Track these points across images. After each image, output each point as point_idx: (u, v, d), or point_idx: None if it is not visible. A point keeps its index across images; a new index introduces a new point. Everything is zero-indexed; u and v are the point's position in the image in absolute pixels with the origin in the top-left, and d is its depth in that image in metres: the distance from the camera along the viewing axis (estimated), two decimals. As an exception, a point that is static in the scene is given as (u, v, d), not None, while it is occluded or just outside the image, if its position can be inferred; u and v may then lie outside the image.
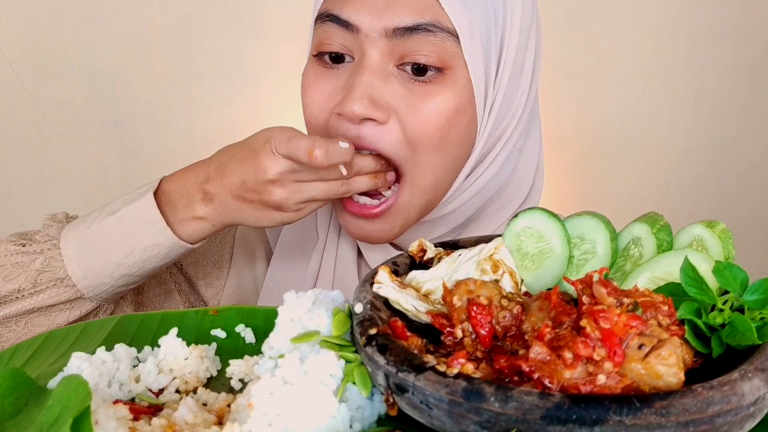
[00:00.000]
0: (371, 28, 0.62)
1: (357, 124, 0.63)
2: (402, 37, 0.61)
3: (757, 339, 0.38)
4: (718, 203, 1.84)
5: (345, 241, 0.77)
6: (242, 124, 1.63)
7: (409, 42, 0.62)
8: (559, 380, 0.36)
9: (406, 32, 0.61)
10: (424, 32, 0.61)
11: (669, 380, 0.35)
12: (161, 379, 0.47)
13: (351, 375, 0.42)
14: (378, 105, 0.62)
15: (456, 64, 0.63)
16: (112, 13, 1.56)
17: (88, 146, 1.63)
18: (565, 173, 1.74)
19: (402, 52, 0.62)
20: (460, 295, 0.44)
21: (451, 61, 0.63)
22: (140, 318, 0.55)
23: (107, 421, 0.38)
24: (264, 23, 1.60)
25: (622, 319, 0.37)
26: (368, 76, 0.62)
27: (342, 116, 0.64)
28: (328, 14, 0.64)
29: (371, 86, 0.62)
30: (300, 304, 0.47)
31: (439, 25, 0.61)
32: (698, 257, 0.43)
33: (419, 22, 0.61)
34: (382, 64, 0.63)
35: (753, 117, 1.81)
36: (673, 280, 0.43)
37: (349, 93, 0.62)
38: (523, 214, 0.49)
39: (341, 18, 0.63)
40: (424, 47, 0.62)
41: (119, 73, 1.59)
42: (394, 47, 0.62)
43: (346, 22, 0.63)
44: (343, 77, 0.65)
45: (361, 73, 0.62)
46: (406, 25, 0.61)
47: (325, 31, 0.65)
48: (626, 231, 0.50)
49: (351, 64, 0.65)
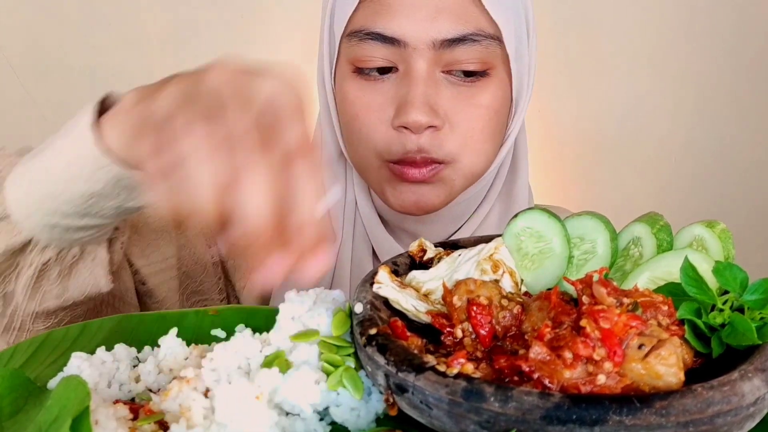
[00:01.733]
0: (418, 41, 0.63)
1: (420, 133, 0.65)
2: (448, 47, 0.63)
3: (757, 339, 0.38)
4: (718, 203, 1.84)
5: (360, 241, 0.77)
6: (242, 124, 1.63)
7: (456, 52, 0.64)
8: (559, 380, 0.36)
9: (453, 43, 0.63)
10: (470, 42, 0.64)
11: (669, 380, 0.35)
12: (161, 379, 0.47)
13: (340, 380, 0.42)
14: (436, 112, 0.64)
15: (498, 63, 0.67)
16: (112, 13, 1.56)
17: (88, 146, 1.63)
18: (565, 173, 1.74)
19: (448, 60, 0.64)
20: (460, 295, 0.44)
21: (494, 62, 0.66)
22: (140, 318, 0.55)
23: (107, 421, 0.38)
24: (264, 23, 1.60)
25: (622, 319, 0.37)
26: (423, 86, 0.64)
27: (402, 128, 0.65)
28: (368, 32, 0.64)
29: (427, 95, 0.64)
30: (301, 302, 0.47)
31: (483, 33, 0.64)
32: (698, 257, 0.43)
33: (465, 33, 0.63)
34: (430, 72, 0.65)
35: (753, 117, 1.81)
36: (672, 280, 0.43)
37: (409, 104, 0.63)
38: (523, 214, 0.49)
39: (386, 35, 0.64)
40: (470, 56, 0.64)
41: (119, 73, 1.59)
42: (440, 56, 0.64)
43: (392, 38, 0.64)
44: (392, 88, 0.66)
45: (416, 83, 0.64)
46: (452, 37, 0.63)
47: (365, 48, 0.65)
48: (626, 231, 0.50)
49: (397, 75, 0.66)
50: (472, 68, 0.65)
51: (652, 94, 1.75)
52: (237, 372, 0.43)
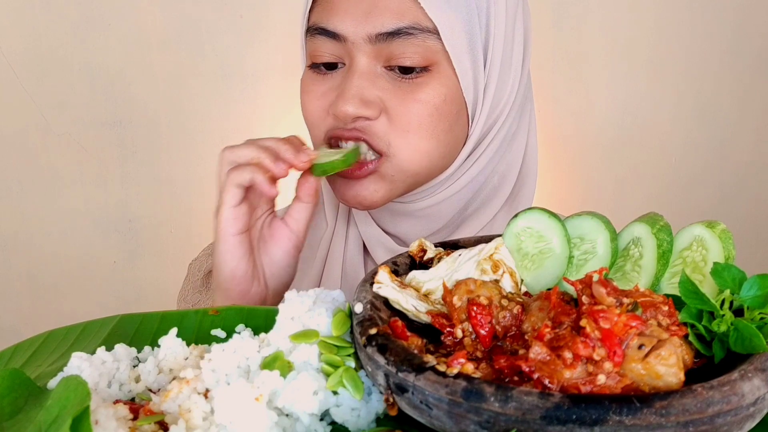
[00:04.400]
0: (356, 36, 0.65)
1: (350, 123, 0.66)
2: (385, 41, 0.65)
3: (765, 346, 0.38)
4: (718, 203, 1.84)
5: (352, 238, 0.78)
6: (242, 124, 1.63)
7: (393, 45, 0.65)
8: (559, 380, 0.36)
9: (389, 37, 0.65)
10: (405, 35, 0.65)
11: (669, 380, 0.35)
12: (161, 379, 0.47)
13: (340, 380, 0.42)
14: (368, 103, 0.66)
15: (441, 59, 0.66)
16: (112, 13, 1.56)
17: (88, 146, 1.63)
18: (565, 173, 1.75)
19: (388, 54, 0.66)
20: (460, 295, 0.44)
21: (435, 58, 0.66)
22: (140, 318, 0.55)
23: (107, 421, 0.39)
24: (264, 24, 1.60)
25: (621, 319, 0.37)
26: (358, 79, 0.66)
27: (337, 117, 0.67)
28: (316, 27, 0.68)
29: (361, 87, 0.66)
30: (301, 302, 0.47)
31: (419, 26, 0.65)
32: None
33: (399, 26, 0.64)
34: (370, 67, 0.66)
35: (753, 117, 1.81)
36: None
37: (341, 95, 0.66)
38: (523, 214, 0.49)
39: (328, 29, 0.67)
40: (407, 49, 0.65)
41: (119, 73, 1.59)
42: (380, 51, 0.66)
43: (333, 32, 0.66)
44: (337, 81, 0.69)
45: (351, 76, 0.66)
46: (387, 30, 0.64)
47: (315, 43, 0.69)
48: (626, 231, 0.50)
49: (343, 69, 0.69)
50: (408, 63, 0.65)
51: (652, 94, 1.75)
52: (236, 372, 0.43)
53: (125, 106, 1.61)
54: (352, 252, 0.78)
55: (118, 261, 1.70)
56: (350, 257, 0.78)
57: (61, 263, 1.68)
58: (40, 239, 1.66)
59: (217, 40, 1.60)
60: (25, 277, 1.69)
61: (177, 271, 1.35)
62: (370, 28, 0.65)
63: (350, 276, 0.78)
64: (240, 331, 0.53)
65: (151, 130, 1.63)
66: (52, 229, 1.66)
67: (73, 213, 1.66)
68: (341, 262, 0.78)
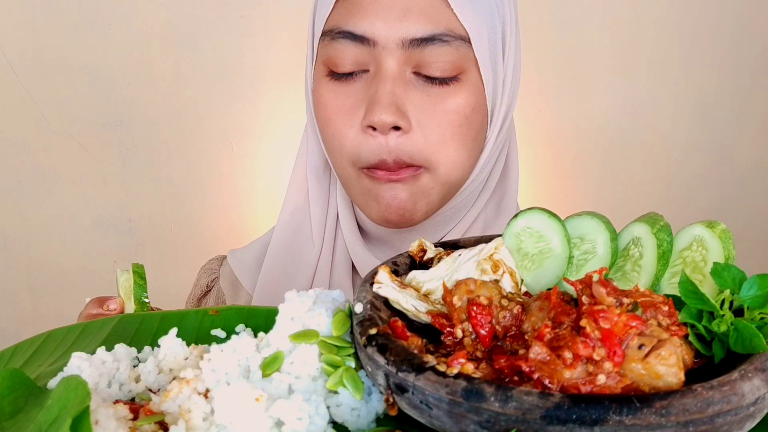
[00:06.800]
0: (387, 40, 0.62)
1: (386, 134, 0.63)
2: (418, 47, 0.62)
3: (765, 346, 0.38)
4: (718, 203, 1.84)
5: (340, 255, 0.76)
6: (242, 124, 1.63)
7: (425, 52, 0.62)
8: (559, 380, 0.36)
9: (422, 42, 0.62)
10: (439, 43, 0.62)
11: (669, 380, 0.35)
12: (161, 379, 0.47)
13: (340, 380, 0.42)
14: (403, 113, 0.63)
15: (469, 66, 0.65)
16: (112, 14, 1.56)
17: (88, 146, 1.63)
18: (565, 173, 1.74)
19: (418, 60, 0.63)
20: (460, 295, 0.44)
21: (464, 65, 0.64)
22: (140, 318, 0.55)
23: (107, 421, 0.38)
24: (264, 24, 1.60)
25: (621, 319, 0.37)
26: (391, 85, 0.63)
27: (369, 129, 0.64)
28: (339, 31, 0.64)
29: (394, 95, 0.63)
30: (301, 302, 0.47)
31: (453, 34, 0.63)
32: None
33: (434, 33, 0.62)
34: (400, 72, 0.63)
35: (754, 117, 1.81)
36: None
37: (375, 103, 0.62)
38: (523, 214, 0.49)
39: (356, 33, 0.63)
40: (439, 57, 0.63)
41: (119, 73, 1.59)
42: (410, 56, 0.63)
43: (362, 36, 0.63)
44: (361, 90, 0.65)
45: (384, 82, 0.63)
46: (422, 36, 0.62)
47: (337, 49, 0.65)
48: (626, 231, 0.50)
49: (367, 75, 0.65)
50: (440, 73, 0.63)
51: (652, 95, 1.75)
52: (236, 372, 0.43)
53: (125, 106, 1.61)
54: (339, 270, 0.76)
55: (118, 261, 1.69)
56: (337, 275, 0.76)
57: (61, 263, 1.68)
58: (40, 239, 1.66)
59: (217, 40, 1.60)
60: (25, 277, 1.69)
61: (177, 271, 1.36)
62: (404, 33, 0.62)
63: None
64: (240, 331, 0.53)
65: (151, 130, 1.63)
66: (52, 229, 1.66)
67: (73, 213, 1.66)
68: (328, 281, 0.76)
